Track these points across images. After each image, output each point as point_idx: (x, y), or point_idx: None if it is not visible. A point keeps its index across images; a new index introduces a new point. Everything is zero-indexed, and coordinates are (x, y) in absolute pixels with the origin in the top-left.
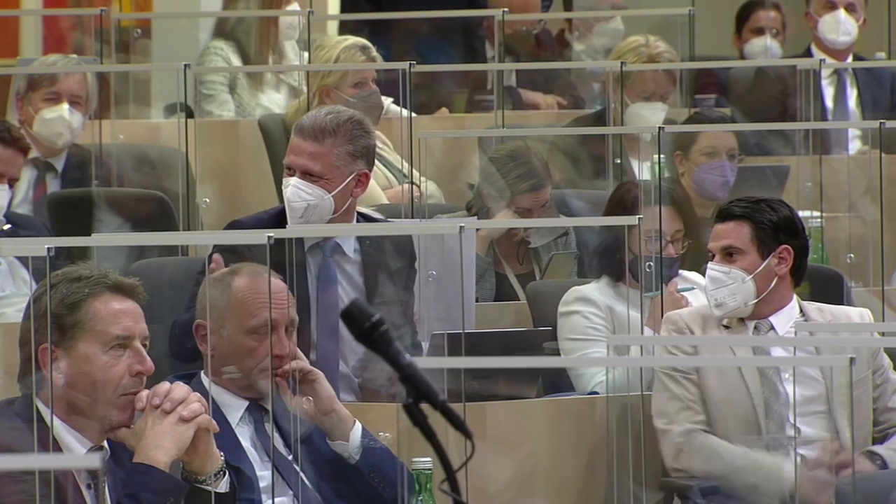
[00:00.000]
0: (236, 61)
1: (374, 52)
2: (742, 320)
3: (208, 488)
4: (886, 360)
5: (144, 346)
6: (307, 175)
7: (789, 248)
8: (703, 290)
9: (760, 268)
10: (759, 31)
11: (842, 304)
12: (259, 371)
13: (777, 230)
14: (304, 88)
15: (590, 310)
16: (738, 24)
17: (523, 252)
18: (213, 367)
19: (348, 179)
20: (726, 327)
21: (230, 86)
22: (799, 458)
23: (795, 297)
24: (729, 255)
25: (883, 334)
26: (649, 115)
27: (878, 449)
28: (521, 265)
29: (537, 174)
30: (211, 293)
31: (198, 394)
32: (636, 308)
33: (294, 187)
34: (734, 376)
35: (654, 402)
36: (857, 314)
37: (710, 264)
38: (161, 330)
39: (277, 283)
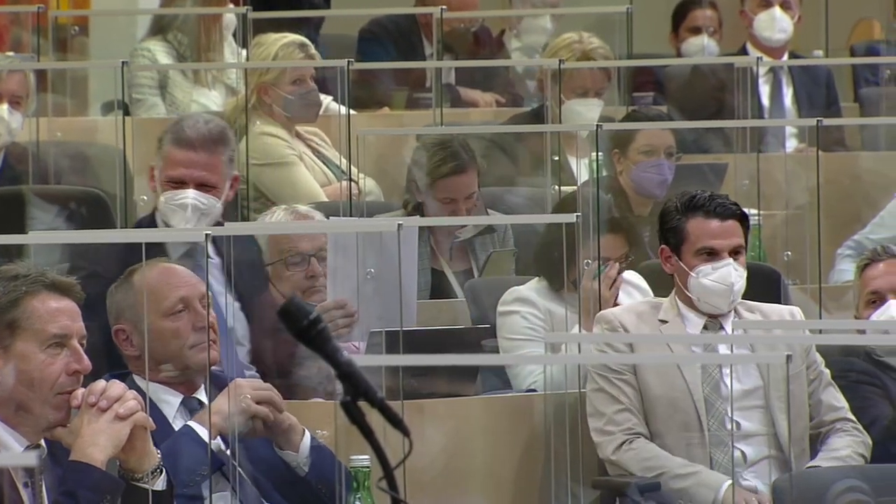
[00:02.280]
0: (166, 61)
1: (312, 49)
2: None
3: (145, 486)
4: (819, 356)
5: (82, 344)
6: (202, 186)
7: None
8: (637, 291)
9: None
10: (696, 30)
11: (779, 302)
12: (189, 348)
13: (747, 229)
14: (241, 86)
15: (528, 310)
16: (674, 22)
17: (454, 247)
18: (143, 365)
19: (228, 183)
20: (663, 321)
21: (160, 86)
22: (738, 454)
23: None
24: (736, 253)
25: (821, 331)
26: (585, 112)
27: (817, 463)
28: (451, 260)
29: (459, 157)
30: (119, 297)
31: (134, 391)
32: (574, 309)
33: (195, 200)
34: (675, 374)
35: (589, 401)
36: (787, 312)
37: (732, 263)
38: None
39: (179, 267)
